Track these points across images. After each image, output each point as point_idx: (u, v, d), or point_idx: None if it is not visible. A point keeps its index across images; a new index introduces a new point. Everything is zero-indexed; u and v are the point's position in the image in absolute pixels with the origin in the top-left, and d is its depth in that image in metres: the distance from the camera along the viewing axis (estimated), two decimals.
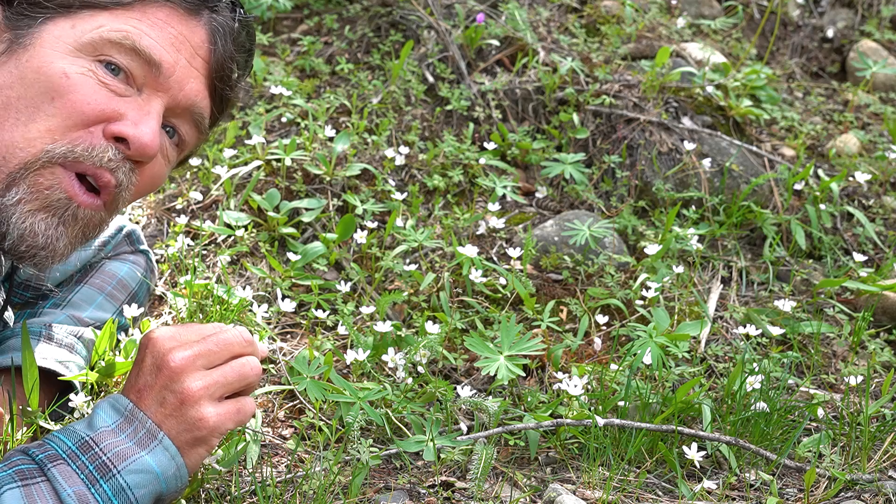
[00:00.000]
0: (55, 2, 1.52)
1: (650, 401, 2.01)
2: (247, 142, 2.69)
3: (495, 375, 1.97)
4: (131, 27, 1.52)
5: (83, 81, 1.49)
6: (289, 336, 2.26)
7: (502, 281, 2.42)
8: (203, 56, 1.60)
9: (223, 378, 1.49)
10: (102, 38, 1.50)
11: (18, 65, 1.49)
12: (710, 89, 3.09)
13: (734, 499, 1.86)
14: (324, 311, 2.25)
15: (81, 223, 1.54)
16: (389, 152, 2.72)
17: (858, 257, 2.67)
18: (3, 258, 1.74)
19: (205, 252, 2.44)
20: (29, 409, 1.68)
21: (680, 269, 2.49)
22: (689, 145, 2.83)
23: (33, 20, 1.52)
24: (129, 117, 1.51)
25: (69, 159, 1.48)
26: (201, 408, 1.46)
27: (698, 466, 1.94)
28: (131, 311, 2.02)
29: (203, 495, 1.69)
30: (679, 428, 1.95)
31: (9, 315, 1.80)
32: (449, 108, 2.92)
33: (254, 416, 1.71)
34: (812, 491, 1.88)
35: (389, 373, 2.12)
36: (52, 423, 1.70)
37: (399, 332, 2.18)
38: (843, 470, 1.94)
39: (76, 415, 1.76)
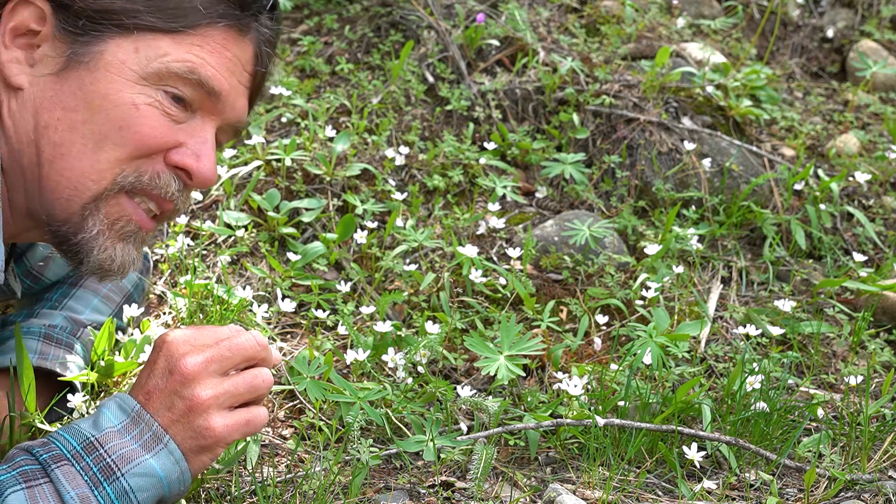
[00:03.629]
0: (116, 21, 1.50)
1: (650, 401, 2.01)
2: (247, 142, 2.69)
3: (495, 375, 1.97)
4: (194, 56, 1.52)
5: (151, 113, 1.51)
6: (289, 336, 2.26)
7: (502, 281, 2.41)
8: (249, 71, 1.61)
9: (234, 388, 1.49)
10: (169, 71, 1.51)
11: (83, 87, 1.49)
12: (710, 89, 3.08)
13: (734, 499, 1.86)
14: (324, 311, 2.25)
15: (143, 241, 1.63)
16: (389, 152, 2.72)
17: (858, 257, 2.67)
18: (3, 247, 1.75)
19: (205, 252, 2.44)
20: (26, 410, 1.68)
21: (680, 269, 2.49)
22: (689, 145, 2.83)
23: (93, 37, 1.50)
24: (189, 146, 1.55)
25: (137, 187, 1.54)
26: (209, 417, 1.46)
27: (698, 466, 1.94)
28: (131, 311, 2.02)
29: (203, 495, 1.69)
30: (679, 428, 1.95)
31: (15, 284, 1.83)
32: (449, 108, 2.92)
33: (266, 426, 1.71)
34: (812, 491, 1.88)
35: (389, 373, 2.12)
36: (50, 423, 1.70)
37: (399, 332, 2.18)
38: (843, 470, 1.94)
39: (76, 415, 1.76)
